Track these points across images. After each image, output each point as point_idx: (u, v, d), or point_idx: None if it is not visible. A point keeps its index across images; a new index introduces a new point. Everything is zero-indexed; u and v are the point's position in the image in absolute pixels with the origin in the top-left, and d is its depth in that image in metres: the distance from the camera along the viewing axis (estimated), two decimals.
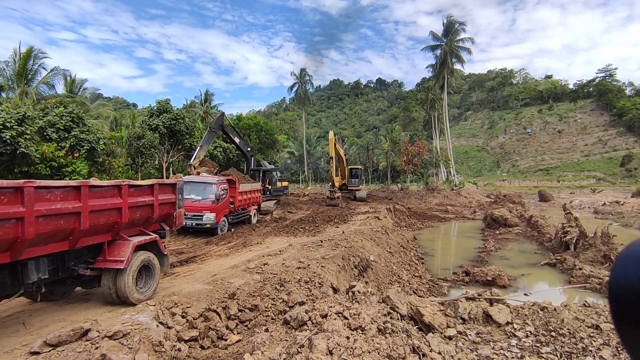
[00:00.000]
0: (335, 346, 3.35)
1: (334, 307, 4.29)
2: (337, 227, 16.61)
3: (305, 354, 3.14)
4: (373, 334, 3.76)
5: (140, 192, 6.49)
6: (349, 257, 10.74)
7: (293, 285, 7.53)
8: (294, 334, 3.90)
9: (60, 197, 4.95)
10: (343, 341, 3.43)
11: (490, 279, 13.39)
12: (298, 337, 3.64)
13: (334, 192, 28.05)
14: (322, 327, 3.79)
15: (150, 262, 6.57)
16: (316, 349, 3.28)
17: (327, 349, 3.29)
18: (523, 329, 4.63)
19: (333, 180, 29.13)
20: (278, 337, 4.06)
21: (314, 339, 3.49)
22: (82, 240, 5.47)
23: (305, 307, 4.28)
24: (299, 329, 4.05)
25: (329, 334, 3.54)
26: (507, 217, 25.27)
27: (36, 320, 5.67)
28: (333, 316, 4.07)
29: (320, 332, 3.65)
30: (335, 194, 28.06)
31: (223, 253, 11.37)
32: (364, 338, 3.63)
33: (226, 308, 6.57)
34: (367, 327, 3.84)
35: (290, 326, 4.22)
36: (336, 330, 3.64)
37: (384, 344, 3.56)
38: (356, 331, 3.80)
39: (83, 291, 7.12)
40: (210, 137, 18.53)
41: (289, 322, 4.25)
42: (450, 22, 49.69)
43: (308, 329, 3.93)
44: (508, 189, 65.70)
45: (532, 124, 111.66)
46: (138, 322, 5.44)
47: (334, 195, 27.76)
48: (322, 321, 3.98)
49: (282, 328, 4.24)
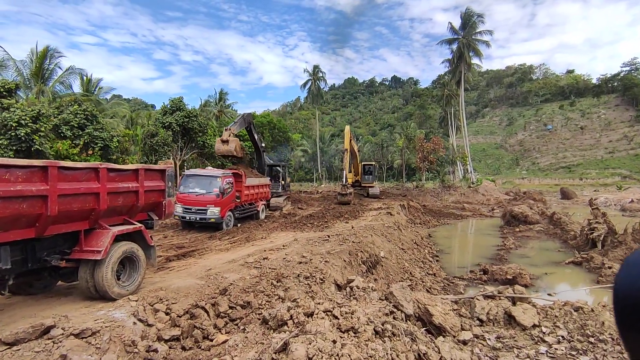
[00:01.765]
0: (316, 352, 2.69)
1: (323, 304, 3.62)
2: (347, 222, 15.89)
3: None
4: (368, 337, 3.09)
5: (123, 177, 5.96)
6: (357, 253, 10.04)
7: (291, 280, 6.89)
8: (271, 336, 3.27)
9: (21, 178, 4.43)
10: (327, 346, 2.77)
11: (510, 277, 12.44)
12: (274, 340, 3.00)
13: (346, 188, 26.86)
14: (304, 328, 3.14)
15: (134, 254, 6.03)
16: (292, 354, 2.64)
17: (305, 356, 2.65)
18: (554, 333, 3.87)
19: (346, 175, 27.75)
20: (253, 339, 3.44)
21: (291, 342, 2.85)
22: (52, 227, 4.96)
23: (287, 304, 3.64)
24: (277, 330, 3.43)
25: (312, 337, 2.89)
26: (528, 214, 24.01)
27: (5, 316, 5.20)
28: (320, 315, 3.41)
29: (300, 335, 3.00)
30: (347, 189, 26.87)
31: (224, 247, 10.82)
32: (355, 342, 2.97)
33: (215, 305, 5.97)
34: (360, 329, 3.17)
35: (268, 326, 3.58)
36: (321, 332, 2.98)
37: (381, 350, 2.89)
38: (347, 333, 3.13)
39: (66, 285, 6.65)
40: (242, 124, 19.67)
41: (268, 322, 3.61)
42: (468, 15, 48.07)
43: (288, 330, 3.29)
44: (528, 187, 63.47)
45: (553, 121, 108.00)
46: (112, 319, 4.89)
47: (346, 190, 26.50)
48: (305, 321, 3.33)
49: (259, 328, 3.61)
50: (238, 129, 19.41)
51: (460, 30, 49.37)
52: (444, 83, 67.69)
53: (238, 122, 19.39)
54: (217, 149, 17.09)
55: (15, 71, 32.60)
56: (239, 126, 19.38)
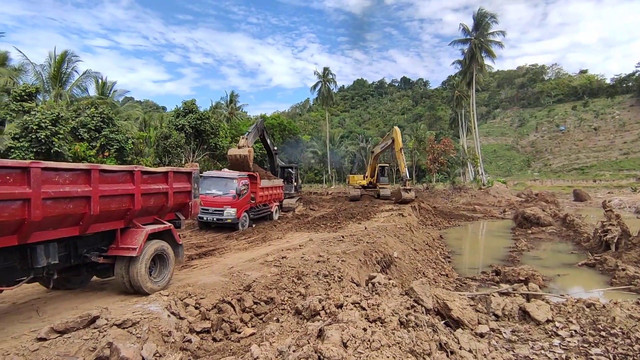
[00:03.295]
0: (350, 338, 2.98)
1: (351, 297, 3.90)
2: (360, 223, 16.15)
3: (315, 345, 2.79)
4: (394, 327, 3.36)
5: (154, 179, 6.33)
6: (371, 253, 10.30)
7: (311, 278, 7.19)
8: (306, 325, 3.56)
9: (69, 180, 4.82)
10: (359, 333, 3.05)
11: (522, 278, 12.53)
12: (309, 328, 3.29)
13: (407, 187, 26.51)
14: (336, 317, 3.43)
15: (164, 252, 6.40)
16: (328, 340, 2.92)
17: (340, 341, 2.93)
18: (566, 327, 4.08)
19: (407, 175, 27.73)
20: (289, 327, 3.73)
21: (326, 329, 3.13)
22: (93, 226, 5.34)
23: (319, 297, 3.93)
24: (311, 320, 3.71)
25: (344, 325, 3.17)
26: (540, 216, 23.95)
27: (49, 308, 5.60)
28: (349, 306, 3.69)
29: (334, 323, 3.29)
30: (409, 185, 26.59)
31: (242, 247, 11.18)
32: (383, 331, 3.24)
33: (241, 300, 6.31)
34: (387, 320, 3.44)
35: (302, 316, 3.87)
36: (352, 321, 3.26)
37: (407, 338, 3.15)
38: (375, 323, 3.41)
39: (100, 281, 7.06)
40: (256, 134, 19.98)
41: (301, 312, 3.90)
42: (481, 15, 47.90)
43: (321, 320, 3.58)
44: (540, 188, 62.77)
45: (566, 121, 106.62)
46: (149, 312, 5.25)
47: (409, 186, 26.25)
48: (336, 311, 3.61)
49: (293, 318, 3.91)
50: (253, 139, 19.68)
51: (473, 30, 49.22)
52: (454, 84, 67.50)
53: (252, 132, 19.55)
54: (231, 157, 17.10)
55: (34, 75, 33.50)
56: (253, 137, 19.60)
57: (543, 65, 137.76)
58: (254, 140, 19.85)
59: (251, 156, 17.14)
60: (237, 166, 16.77)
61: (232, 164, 17.06)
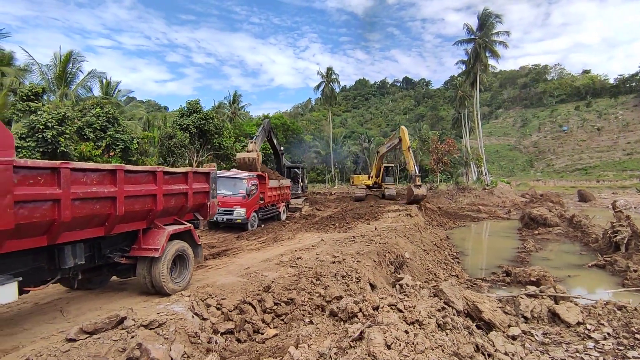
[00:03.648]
0: (394, 340, 2.97)
1: (386, 299, 3.88)
2: (369, 224, 16.13)
3: (362, 348, 2.78)
4: (432, 329, 3.35)
5: (175, 179, 6.33)
6: (384, 254, 10.29)
7: (329, 279, 7.18)
8: (344, 327, 3.53)
9: (96, 181, 4.82)
10: (402, 335, 3.05)
11: (534, 279, 12.50)
12: (350, 330, 3.28)
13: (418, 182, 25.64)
14: (376, 319, 3.42)
15: (184, 252, 6.40)
16: (372, 342, 2.91)
17: (384, 344, 2.92)
18: (599, 330, 4.07)
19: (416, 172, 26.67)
20: (325, 329, 3.72)
21: (367, 332, 3.12)
22: (118, 226, 5.35)
23: (354, 298, 3.91)
24: (348, 321, 3.69)
25: (385, 327, 3.16)
26: (547, 217, 23.89)
27: (73, 308, 5.60)
28: (386, 308, 3.68)
29: (374, 325, 3.28)
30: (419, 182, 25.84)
31: (255, 247, 11.18)
32: (423, 333, 3.24)
33: (261, 301, 6.30)
34: (424, 322, 3.43)
35: (337, 318, 3.85)
36: (392, 324, 3.25)
37: (447, 341, 3.14)
38: (413, 326, 3.40)
39: (119, 281, 7.06)
40: (263, 136, 20.05)
41: (337, 314, 3.88)
42: (486, 15, 47.83)
43: (359, 322, 3.56)
44: (543, 189, 62.66)
45: (569, 122, 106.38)
46: (174, 312, 5.24)
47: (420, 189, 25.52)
48: (374, 313, 3.60)
49: (328, 320, 3.89)
50: (261, 142, 19.77)
51: (477, 30, 49.15)
52: (457, 84, 67.42)
53: (260, 135, 19.64)
54: (240, 160, 17.19)
55: (40, 75, 33.53)
56: (261, 140, 19.69)
57: (546, 65, 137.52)
58: (262, 143, 19.93)
59: (259, 159, 17.21)
60: (245, 169, 16.81)
61: (240, 166, 17.11)
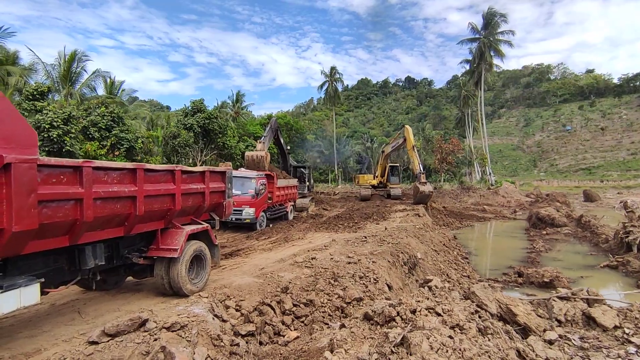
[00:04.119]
0: (440, 346, 2.85)
1: (423, 302, 3.75)
2: (378, 224, 16.01)
3: (406, 354, 2.66)
4: (474, 334, 3.23)
5: (193, 178, 6.23)
6: (398, 254, 10.16)
7: (347, 280, 7.07)
8: (381, 331, 3.41)
9: (116, 180, 4.71)
10: (447, 341, 2.93)
11: (547, 280, 12.40)
12: (390, 335, 3.15)
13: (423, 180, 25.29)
14: (416, 323, 3.29)
15: (202, 253, 6.30)
16: (417, 348, 2.79)
17: (430, 349, 2.80)
18: (638, 334, 3.95)
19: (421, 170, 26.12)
20: (361, 334, 3.59)
21: (409, 336, 3.00)
22: (137, 226, 5.24)
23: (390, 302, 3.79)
24: (385, 326, 3.57)
25: (427, 332, 3.04)
26: (555, 217, 23.73)
27: (91, 309, 5.50)
28: (423, 312, 3.55)
29: (415, 330, 3.16)
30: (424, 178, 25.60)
31: (266, 247, 11.07)
32: (467, 338, 3.11)
33: (280, 302, 6.19)
34: (465, 326, 3.31)
35: (373, 322, 3.72)
36: (435, 328, 3.13)
37: (492, 347, 3.02)
38: (454, 330, 3.28)
39: (134, 281, 6.96)
40: (271, 136, 19.95)
41: (372, 318, 3.75)
42: (491, 14, 47.66)
43: (397, 326, 3.44)
44: (547, 189, 62.40)
45: (572, 121, 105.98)
46: (195, 314, 5.13)
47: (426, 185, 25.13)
48: (413, 317, 3.48)
49: (363, 324, 3.77)
50: (269, 142, 19.71)
51: (482, 29, 48.95)
52: (461, 83, 67.16)
53: (268, 135, 19.57)
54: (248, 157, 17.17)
55: (45, 74, 33.50)
56: (269, 140, 19.62)
57: (549, 65, 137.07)
58: (270, 143, 19.88)
59: (268, 158, 17.18)
60: (254, 167, 16.76)
61: (248, 164, 17.05)
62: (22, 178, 3.52)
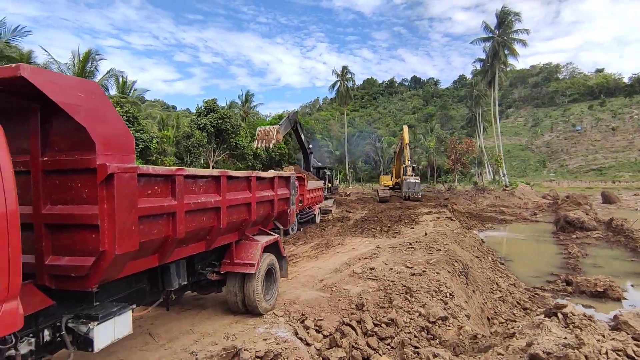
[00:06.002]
0: None
1: (607, 342, 3.18)
2: (412, 228, 15.43)
3: None
4: None
5: (264, 185, 5.69)
6: (452, 263, 9.60)
7: (423, 295, 6.51)
8: None
9: (203, 189, 4.18)
10: None
11: (600, 290, 11.78)
12: None
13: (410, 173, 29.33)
14: None
15: (273, 266, 5.75)
16: None
17: None
18: None
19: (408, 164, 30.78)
20: None
21: None
22: (218, 240, 4.70)
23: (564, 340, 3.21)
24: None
25: None
26: (584, 220, 23.02)
27: (161, 331, 4.96)
28: (612, 355, 2.98)
29: None
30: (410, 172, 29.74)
31: (311, 254, 10.53)
32: None
33: (360, 322, 5.64)
34: None
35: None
36: None
37: None
38: None
39: (192, 296, 6.42)
40: (287, 126, 19.26)
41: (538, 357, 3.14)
42: (505, 13, 46.92)
43: None
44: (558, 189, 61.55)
45: (582, 121, 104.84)
46: (282, 339, 4.59)
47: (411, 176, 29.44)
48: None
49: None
50: (285, 131, 19.06)
51: (496, 28, 48.22)
52: (472, 83, 66.41)
53: (284, 124, 18.95)
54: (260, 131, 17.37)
55: None
56: (284, 129, 18.96)
57: (557, 64, 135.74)
58: (285, 132, 19.26)
59: (279, 135, 16.90)
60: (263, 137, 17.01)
61: (258, 135, 17.25)
62: (124, 191, 2.98)
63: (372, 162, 76.79)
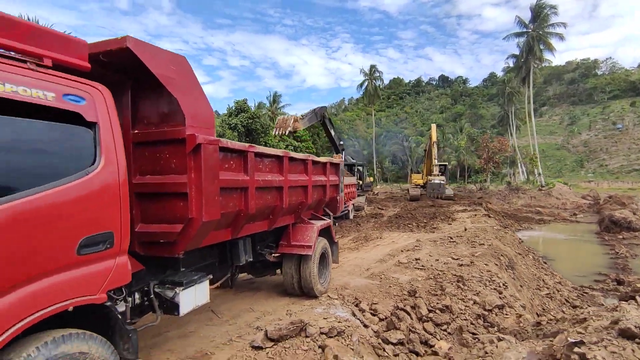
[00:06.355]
0: None
1: None
2: (449, 224, 15.15)
3: None
4: None
5: (318, 170, 5.77)
6: (498, 257, 9.35)
7: (475, 284, 6.40)
8: None
9: (268, 168, 4.29)
10: None
11: None
12: None
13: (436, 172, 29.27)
14: None
15: (326, 250, 5.82)
16: None
17: None
18: None
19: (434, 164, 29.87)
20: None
21: None
22: (279, 220, 4.81)
23: None
24: None
25: None
26: (632, 220, 21.85)
27: (223, 308, 5.12)
28: None
29: None
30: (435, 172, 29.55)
31: (352, 246, 10.55)
32: None
33: (415, 307, 5.61)
34: None
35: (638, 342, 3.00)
36: None
37: None
38: None
39: (247, 281, 6.58)
40: (312, 119, 18.22)
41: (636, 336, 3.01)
42: (540, 7, 45.19)
43: None
44: (599, 190, 58.54)
45: (624, 119, 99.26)
46: (343, 318, 4.64)
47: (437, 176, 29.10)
48: None
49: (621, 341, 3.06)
50: (307, 123, 18.26)
51: (530, 23, 46.56)
52: (505, 80, 64.37)
53: (308, 115, 18.21)
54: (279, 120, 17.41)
55: None
56: (308, 120, 18.09)
57: (596, 60, 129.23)
58: (308, 124, 18.62)
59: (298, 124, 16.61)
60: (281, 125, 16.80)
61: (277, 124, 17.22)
62: (209, 162, 3.12)
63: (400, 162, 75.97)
